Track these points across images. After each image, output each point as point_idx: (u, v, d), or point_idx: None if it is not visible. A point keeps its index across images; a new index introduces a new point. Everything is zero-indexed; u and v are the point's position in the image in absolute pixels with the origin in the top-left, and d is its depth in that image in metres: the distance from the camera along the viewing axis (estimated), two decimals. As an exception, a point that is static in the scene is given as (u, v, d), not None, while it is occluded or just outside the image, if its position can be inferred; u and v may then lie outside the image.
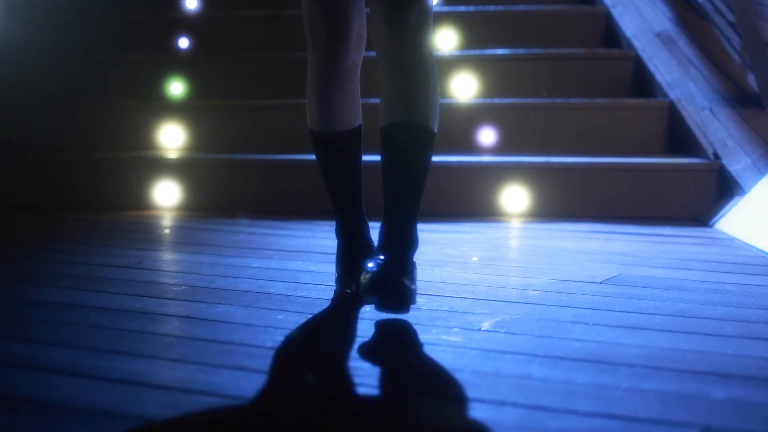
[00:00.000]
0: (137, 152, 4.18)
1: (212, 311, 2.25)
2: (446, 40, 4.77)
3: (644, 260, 2.87)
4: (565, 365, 1.82)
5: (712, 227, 3.50)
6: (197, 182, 3.95)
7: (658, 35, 4.46)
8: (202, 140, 4.29)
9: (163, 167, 3.97)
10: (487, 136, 4.14)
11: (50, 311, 2.27)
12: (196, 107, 4.41)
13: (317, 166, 2.42)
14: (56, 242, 3.27)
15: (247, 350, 1.93)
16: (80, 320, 2.18)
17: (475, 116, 4.17)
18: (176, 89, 4.58)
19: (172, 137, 4.28)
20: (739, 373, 1.77)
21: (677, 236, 3.35)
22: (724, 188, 3.64)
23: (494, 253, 3.08)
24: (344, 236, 2.41)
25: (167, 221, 3.70)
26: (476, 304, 2.30)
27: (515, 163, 3.83)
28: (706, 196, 3.69)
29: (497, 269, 2.74)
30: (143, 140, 4.30)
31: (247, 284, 2.53)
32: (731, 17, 3.89)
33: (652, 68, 4.34)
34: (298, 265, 2.78)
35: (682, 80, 4.15)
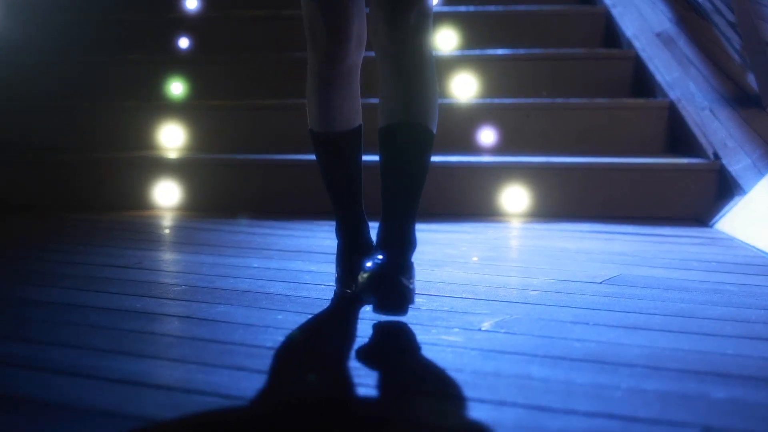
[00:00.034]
0: (137, 152, 4.18)
1: (212, 311, 2.25)
2: (446, 40, 4.77)
3: (644, 260, 2.87)
4: (565, 365, 1.82)
5: (712, 227, 3.50)
6: (197, 182, 3.95)
7: (658, 35, 4.46)
8: (202, 140, 4.29)
9: (163, 167, 3.97)
10: (487, 136, 4.14)
11: (50, 311, 2.27)
12: (196, 107, 4.41)
13: (317, 166, 2.41)
14: (56, 242, 3.27)
15: (247, 350, 1.93)
16: (80, 320, 2.18)
17: (475, 116, 4.17)
18: (176, 89, 4.58)
19: (172, 137, 4.28)
20: (739, 373, 1.77)
21: (677, 236, 3.35)
22: (724, 188, 3.64)
23: (494, 253, 3.08)
24: (344, 236, 2.40)
25: (167, 221, 3.70)
26: (476, 304, 2.30)
27: (515, 163, 3.84)
28: (706, 196, 3.69)
29: (497, 269, 2.74)
30: (143, 140, 4.31)
31: (247, 284, 2.53)
32: (731, 17, 3.88)
33: (652, 68, 4.34)
34: (298, 265, 2.78)
35: (682, 80, 4.15)
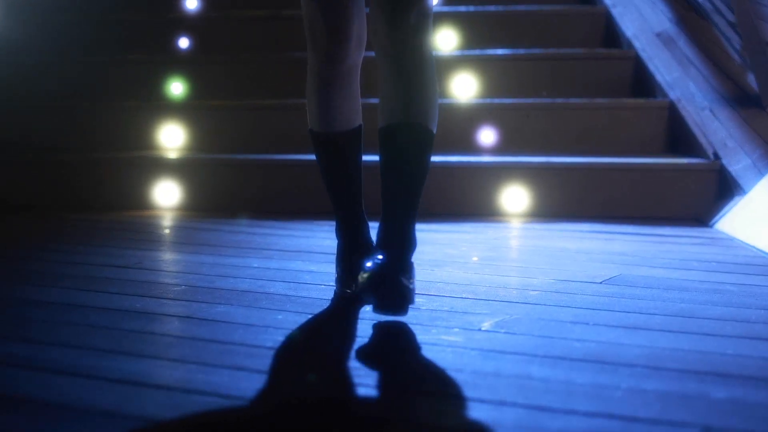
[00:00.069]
0: (137, 152, 4.18)
1: (212, 311, 2.25)
2: (446, 40, 4.77)
3: (644, 260, 2.87)
4: (565, 365, 1.82)
5: (712, 227, 3.50)
6: (197, 182, 3.95)
7: (658, 35, 4.46)
8: (202, 140, 4.29)
9: (163, 167, 3.97)
10: (487, 136, 4.14)
11: (50, 311, 2.27)
12: (196, 107, 4.41)
13: (317, 166, 2.41)
14: (56, 242, 3.27)
15: (247, 350, 1.93)
16: (80, 320, 2.18)
17: (475, 116, 4.17)
18: (176, 89, 4.58)
19: (172, 137, 4.28)
20: (739, 373, 1.77)
21: (677, 236, 3.35)
22: (724, 188, 3.64)
23: (494, 253, 3.08)
24: (344, 236, 2.40)
25: (167, 221, 3.70)
26: (476, 304, 2.30)
27: (515, 163, 3.83)
28: (706, 196, 3.69)
29: (497, 269, 2.74)
30: (143, 140, 4.31)
31: (247, 284, 2.53)
32: (731, 17, 3.88)
33: (652, 68, 4.34)
34: (298, 265, 2.78)
35: (682, 80, 4.15)
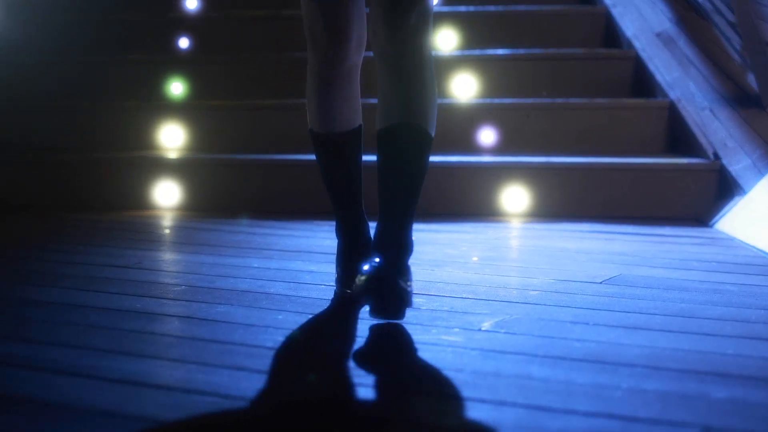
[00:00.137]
0: (137, 152, 4.18)
1: (212, 311, 2.25)
2: (446, 40, 4.77)
3: (644, 260, 2.87)
4: (565, 365, 1.82)
5: (712, 227, 3.50)
6: (197, 182, 3.95)
7: (658, 35, 4.46)
8: (202, 140, 4.29)
9: (163, 167, 3.97)
10: (487, 136, 4.14)
11: (50, 311, 2.27)
12: (196, 107, 4.41)
13: (317, 166, 2.41)
14: (56, 242, 3.27)
15: (247, 350, 1.93)
16: (80, 320, 2.18)
17: (475, 116, 4.17)
18: (176, 89, 4.58)
19: (172, 137, 4.28)
20: (739, 373, 1.77)
21: (677, 236, 3.35)
22: (724, 188, 3.64)
23: (494, 253, 3.08)
24: (344, 236, 2.40)
25: (167, 221, 3.70)
26: (476, 304, 2.30)
27: (515, 163, 3.83)
28: (706, 196, 3.69)
29: (497, 269, 2.74)
30: (143, 140, 4.30)
31: (247, 284, 2.53)
32: (731, 17, 3.88)
33: (652, 68, 4.34)
34: (298, 265, 2.78)
35: (682, 80, 4.15)
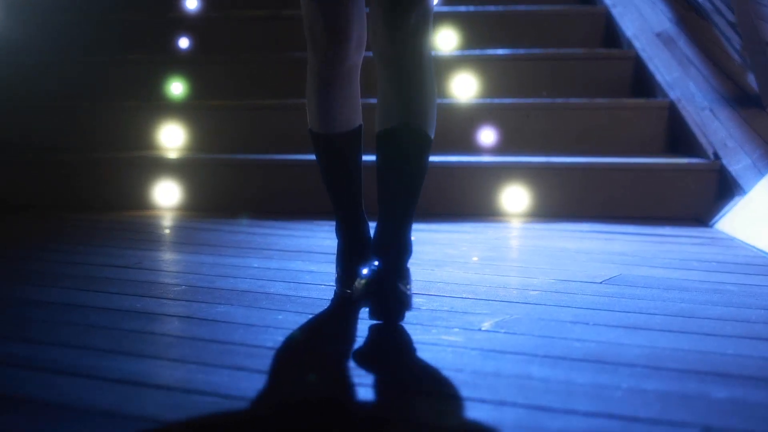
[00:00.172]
0: (137, 152, 4.18)
1: (212, 311, 2.25)
2: (446, 40, 4.77)
3: (644, 260, 2.87)
4: (565, 365, 1.82)
5: (712, 227, 3.50)
6: (197, 182, 3.95)
7: (658, 35, 4.46)
8: (202, 140, 4.29)
9: (163, 167, 3.97)
10: (487, 136, 4.14)
11: (50, 311, 2.27)
12: (196, 107, 4.41)
13: (317, 166, 2.41)
14: (56, 242, 3.27)
15: (247, 350, 1.93)
16: (80, 320, 2.18)
17: (475, 116, 4.17)
18: (176, 89, 4.58)
19: (172, 137, 4.28)
20: (739, 373, 1.77)
21: (677, 236, 3.35)
22: (724, 188, 3.64)
23: (494, 253, 3.08)
24: (344, 236, 2.40)
25: (167, 221, 3.70)
26: (476, 304, 2.30)
27: (515, 163, 3.83)
28: (706, 196, 3.69)
29: (497, 269, 2.74)
30: (143, 140, 4.30)
31: (247, 284, 2.53)
32: (731, 17, 3.88)
33: (652, 68, 4.34)
34: (298, 265, 2.78)
35: (682, 80, 4.15)
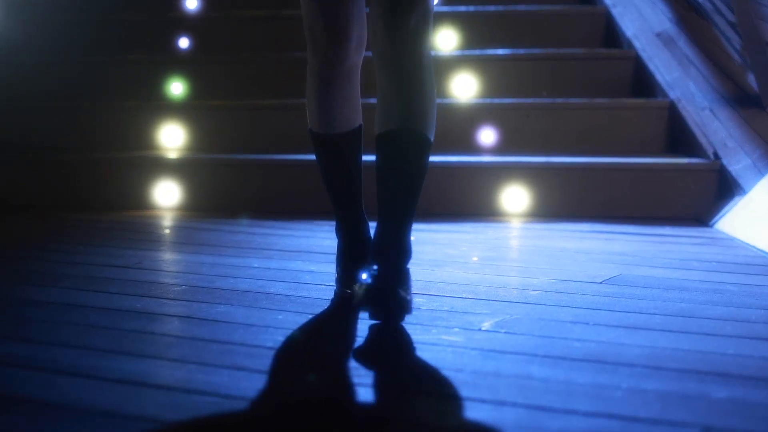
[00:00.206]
0: (137, 152, 4.18)
1: (212, 311, 2.25)
2: (446, 40, 4.77)
3: (644, 260, 2.87)
4: (565, 365, 1.82)
5: (712, 227, 3.50)
6: (197, 182, 3.95)
7: (658, 35, 4.46)
8: (202, 140, 4.29)
9: (163, 167, 3.97)
10: (487, 136, 4.14)
11: (50, 311, 2.27)
12: (196, 107, 4.41)
13: (317, 166, 2.41)
14: (56, 242, 3.27)
15: (247, 350, 1.93)
16: (80, 320, 2.18)
17: (475, 116, 4.17)
18: (176, 89, 4.58)
19: (172, 137, 4.28)
20: (739, 373, 1.77)
21: (677, 236, 3.35)
22: (724, 188, 3.64)
23: (494, 253, 3.08)
24: (344, 236, 2.40)
25: (167, 221, 3.70)
26: (476, 304, 2.30)
27: (515, 163, 3.83)
28: (706, 196, 3.69)
29: (497, 269, 2.74)
30: (143, 140, 4.30)
31: (247, 284, 2.53)
32: (731, 17, 3.88)
33: (652, 68, 4.34)
34: (298, 265, 2.78)
35: (682, 80, 4.15)
